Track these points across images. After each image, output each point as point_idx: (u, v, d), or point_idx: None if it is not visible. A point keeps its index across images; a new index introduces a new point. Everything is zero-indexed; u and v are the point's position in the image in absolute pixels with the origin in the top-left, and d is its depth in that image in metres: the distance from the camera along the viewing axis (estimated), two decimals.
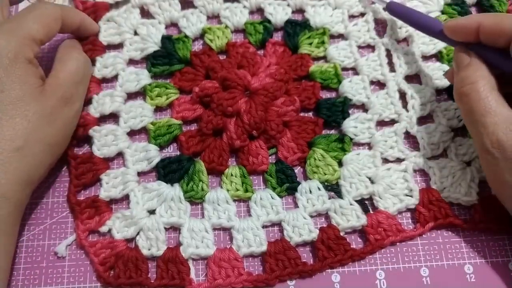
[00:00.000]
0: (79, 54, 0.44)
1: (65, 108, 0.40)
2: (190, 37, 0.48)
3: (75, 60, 0.43)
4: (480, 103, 0.36)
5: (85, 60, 0.44)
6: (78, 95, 0.42)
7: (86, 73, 0.44)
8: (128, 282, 0.39)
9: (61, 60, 0.42)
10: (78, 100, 0.42)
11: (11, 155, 0.37)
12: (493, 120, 0.35)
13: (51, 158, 0.40)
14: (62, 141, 0.41)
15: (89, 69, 0.45)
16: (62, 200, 0.43)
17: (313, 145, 0.44)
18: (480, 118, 0.36)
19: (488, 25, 0.37)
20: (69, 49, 0.44)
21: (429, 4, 0.50)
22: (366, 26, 0.49)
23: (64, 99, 0.40)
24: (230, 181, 0.43)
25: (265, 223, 0.41)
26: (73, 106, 0.41)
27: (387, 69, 0.47)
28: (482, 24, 0.37)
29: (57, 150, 0.41)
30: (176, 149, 0.45)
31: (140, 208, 0.41)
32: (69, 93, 0.41)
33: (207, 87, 0.44)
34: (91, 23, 0.47)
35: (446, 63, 0.47)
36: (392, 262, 0.40)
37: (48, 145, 0.39)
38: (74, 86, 0.41)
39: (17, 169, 0.37)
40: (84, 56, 0.45)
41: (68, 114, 0.41)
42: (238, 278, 0.39)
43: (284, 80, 0.45)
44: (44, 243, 0.41)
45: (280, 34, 0.49)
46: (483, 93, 0.36)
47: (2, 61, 0.38)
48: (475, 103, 0.36)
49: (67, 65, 0.42)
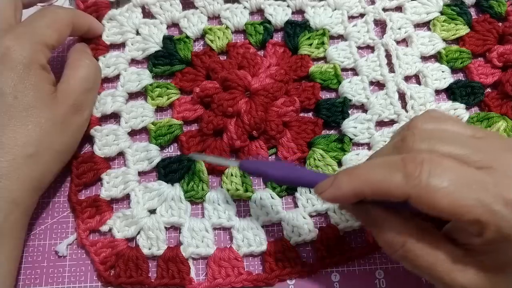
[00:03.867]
0: (90, 60, 0.44)
1: (76, 116, 0.41)
2: (191, 38, 0.49)
3: (86, 67, 0.42)
4: (422, 259, 0.30)
5: (95, 66, 0.44)
6: (88, 102, 0.42)
7: (96, 79, 0.44)
8: (128, 281, 0.39)
9: (72, 66, 0.42)
10: (88, 107, 0.42)
11: (23, 162, 0.37)
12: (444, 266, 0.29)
13: (59, 165, 0.40)
14: (71, 148, 0.42)
15: (99, 75, 0.45)
16: (63, 199, 0.43)
17: (312, 145, 0.44)
18: (431, 272, 0.30)
19: (372, 193, 0.29)
20: (80, 54, 0.44)
21: (428, 5, 0.50)
22: (366, 27, 0.49)
23: (75, 107, 0.40)
24: (230, 181, 0.43)
25: (265, 223, 0.42)
26: (83, 114, 0.42)
27: (386, 70, 0.47)
28: (364, 193, 0.30)
29: (66, 157, 0.41)
30: (176, 149, 0.45)
31: (141, 207, 0.42)
32: (79, 101, 0.41)
33: (207, 88, 0.45)
34: (98, 25, 0.47)
35: (445, 64, 0.47)
36: (391, 262, 0.41)
37: (58, 152, 0.39)
38: (84, 93, 0.41)
39: (28, 176, 0.37)
40: (95, 62, 0.44)
41: (78, 121, 0.41)
42: (238, 278, 0.39)
43: (284, 80, 0.45)
44: (45, 243, 0.42)
45: (280, 34, 0.50)
46: (419, 250, 0.30)
47: (16, 67, 0.37)
48: (418, 261, 0.30)
49: (78, 72, 0.42)
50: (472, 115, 0.45)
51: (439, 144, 0.29)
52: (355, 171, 0.30)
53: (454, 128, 0.31)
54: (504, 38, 0.48)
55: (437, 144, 0.29)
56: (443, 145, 0.29)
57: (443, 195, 0.27)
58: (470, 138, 0.31)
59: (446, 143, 0.29)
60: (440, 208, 0.27)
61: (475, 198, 0.27)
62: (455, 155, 0.29)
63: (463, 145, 0.29)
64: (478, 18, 0.49)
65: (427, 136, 0.30)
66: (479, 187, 0.27)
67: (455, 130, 0.31)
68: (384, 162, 0.30)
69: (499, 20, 0.49)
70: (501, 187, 0.27)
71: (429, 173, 0.27)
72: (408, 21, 0.49)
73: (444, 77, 0.47)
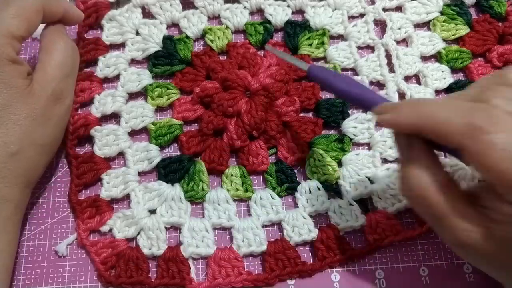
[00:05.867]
0: (66, 42, 0.40)
1: (56, 106, 0.39)
2: (191, 38, 0.49)
3: (62, 50, 0.39)
4: (435, 208, 0.29)
5: (72, 48, 0.41)
6: (68, 89, 0.40)
7: (74, 63, 0.41)
8: (129, 281, 0.39)
9: (47, 50, 0.39)
10: (69, 94, 0.40)
11: (7, 161, 0.36)
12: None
13: (46, 158, 0.40)
14: (56, 139, 0.40)
15: (77, 57, 0.42)
16: (63, 199, 0.43)
17: (312, 145, 0.44)
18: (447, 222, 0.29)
19: (430, 131, 0.29)
20: (54, 36, 0.40)
21: (428, 5, 0.50)
22: (366, 27, 0.49)
23: (54, 96, 0.38)
24: (230, 181, 0.43)
25: (265, 222, 0.42)
26: (64, 102, 0.39)
27: (386, 70, 0.47)
28: (422, 128, 0.29)
29: (52, 149, 0.40)
30: (176, 149, 0.45)
31: (141, 207, 0.42)
32: (59, 89, 0.38)
33: (207, 88, 0.45)
34: (75, 11, 0.43)
35: (445, 64, 0.47)
36: (391, 262, 0.41)
37: (42, 146, 0.38)
38: (63, 80, 0.39)
39: (14, 173, 0.36)
40: (71, 43, 0.41)
41: (60, 111, 0.39)
42: (238, 278, 0.39)
43: (284, 80, 0.45)
44: (45, 243, 0.42)
45: (280, 34, 0.50)
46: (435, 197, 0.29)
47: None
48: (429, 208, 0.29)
49: (54, 56, 0.39)
50: None
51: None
52: (421, 104, 0.29)
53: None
54: (504, 38, 0.48)
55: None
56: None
57: (499, 157, 0.25)
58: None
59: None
60: (492, 168, 0.26)
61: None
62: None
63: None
64: (478, 18, 0.49)
65: (509, 96, 0.28)
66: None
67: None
68: (453, 104, 0.28)
69: (499, 20, 0.49)
70: None
71: (495, 130, 0.26)
72: (408, 21, 0.49)
73: (444, 77, 0.47)
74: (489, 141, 0.26)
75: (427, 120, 0.28)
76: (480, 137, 0.26)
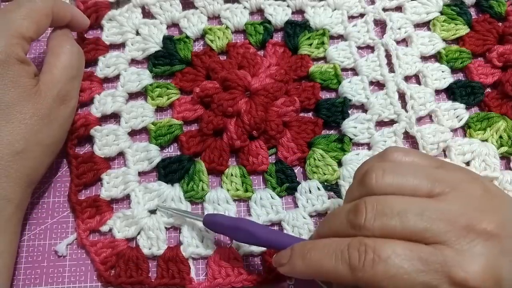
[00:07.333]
0: (72, 45, 0.42)
1: (62, 107, 0.39)
2: (191, 38, 0.49)
3: (68, 54, 0.41)
4: None
5: (78, 51, 0.42)
6: (74, 91, 0.41)
7: (80, 66, 0.42)
8: (128, 281, 0.39)
9: (54, 53, 0.40)
10: (74, 96, 0.41)
11: (11, 159, 0.36)
12: None
13: (50, 158, 0.40)
14: (60, 139, 0.41)
15: (83, 60, 0.43)
16: (63, 199, 0.43)
17: (312, 145, 0.44)
18: None
19: (324, 279, 0.33)
20: (61, 39, 0.42)
21: (428, 5, 0.50)
22: (366, 27, 0.49)
23: (60, 97, 0.39)
24: (230, 181, 0.43)
25: (265, 222, 0.42)
26: (69, 103, 0.40)
27: (386, 70, 0.47)
28: (316, 278, 0.32)
29: (55, 149, 0.41)
30: (176, 149, 0.45)
31: (141, 207, 0.42)
32: (64, 91, 0.39)
33: (207, 88, 0.45)
34: (82, 17, 0.45)
35: (445, 64, 0.47)
36: None
37: (46, 146, 0.39)
38: (69, 82, 0.40)
39: (18, 172, 0.37)
40: (77, 47, 0.43)
41: (65, 112, 0.40)
42: (238, 278, 0.39)
43: (284, 80, 0.45)
44: (45, 243, 0.42)
45: (280, 34, 0.50)
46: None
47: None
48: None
49: (61, 59, 0.40)
50: (472, 115, 0.45)
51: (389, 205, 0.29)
52: (308, 256, 0.31)
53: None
54: (504, 38, 0.48)
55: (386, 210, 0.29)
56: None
57: (389, 284, 0.27)
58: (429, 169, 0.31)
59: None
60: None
61: (421, 282, 0.27)
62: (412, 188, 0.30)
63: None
64: (478, 18, 0.49)
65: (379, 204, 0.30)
66: (427, 269, 0.27)
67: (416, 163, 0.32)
68: (334, 249, 0.30)
69: (499, 20, 0.49)
70: (449, 265, 0.27)
71: (372, 262, 0.27)
72: (408, 21, 0.49)
73: (444, 77, 0.47)
74: (374, 275, 0.28)
75: (316, 270, 0.30)
76: (364, 276, 0.28)
